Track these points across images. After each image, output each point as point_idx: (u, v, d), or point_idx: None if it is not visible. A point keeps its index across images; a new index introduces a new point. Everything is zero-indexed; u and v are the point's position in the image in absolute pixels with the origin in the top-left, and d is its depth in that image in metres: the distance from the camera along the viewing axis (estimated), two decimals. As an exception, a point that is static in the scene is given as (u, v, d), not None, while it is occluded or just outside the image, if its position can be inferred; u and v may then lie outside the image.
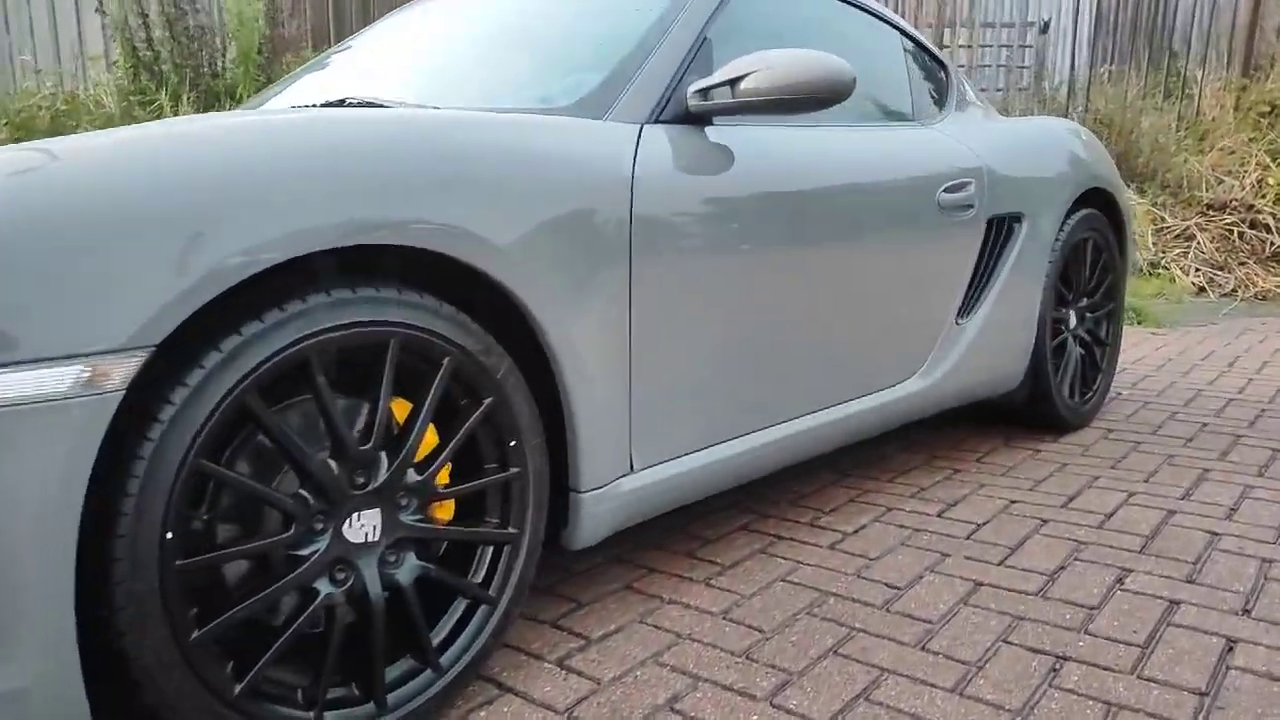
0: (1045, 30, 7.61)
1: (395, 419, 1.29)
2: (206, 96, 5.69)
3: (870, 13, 2.42)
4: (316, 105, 1.88)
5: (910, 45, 2.55)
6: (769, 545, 1.98)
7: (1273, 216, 6.24)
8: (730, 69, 1.66)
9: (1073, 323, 2.86)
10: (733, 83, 1.65)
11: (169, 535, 1.05)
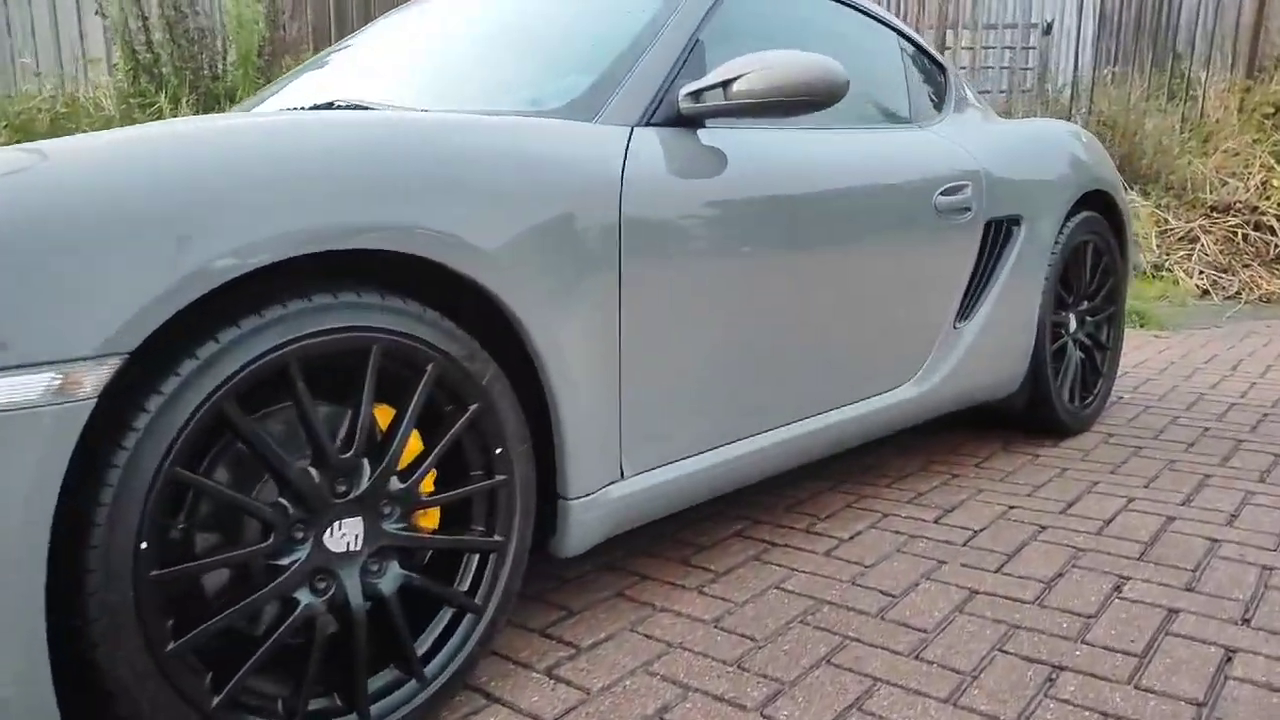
0: (1048, 32, 7.59)
1: (378, 426, 1.27)
2: (206, 99, 5.68)
3: (866, 14, 2.40)
4: (305, 108, 1.86)
5: (908, 47, 2.53)
6: (763, 552, 1.96)
7: (1277, 219, 6.21)
8: (722, 71, 1.64)
9: (1073, 326, 2.84)
10: (725, 85, 1.63)
11: (144, 545, 1.03)
